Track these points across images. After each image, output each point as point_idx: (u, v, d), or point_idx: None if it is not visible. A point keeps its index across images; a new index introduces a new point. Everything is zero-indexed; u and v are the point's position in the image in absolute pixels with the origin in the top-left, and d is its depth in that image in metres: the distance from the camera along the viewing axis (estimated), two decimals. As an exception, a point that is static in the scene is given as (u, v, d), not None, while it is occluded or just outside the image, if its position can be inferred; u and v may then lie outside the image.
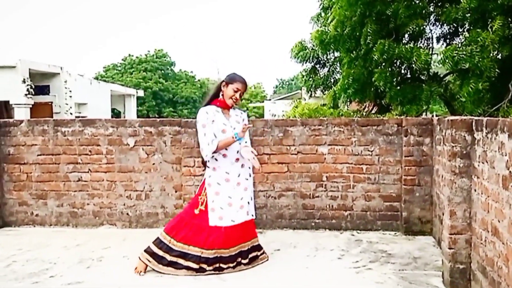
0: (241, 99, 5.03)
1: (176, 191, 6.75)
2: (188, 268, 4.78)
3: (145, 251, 4.94)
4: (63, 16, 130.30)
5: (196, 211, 4.88)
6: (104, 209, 6.87)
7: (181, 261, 4.80)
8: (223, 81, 4.93)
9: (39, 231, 6.77)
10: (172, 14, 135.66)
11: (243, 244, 4.95)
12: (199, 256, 4.77)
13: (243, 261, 4.97)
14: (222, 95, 4.90)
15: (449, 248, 4.31)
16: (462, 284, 4.27)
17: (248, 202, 4.94)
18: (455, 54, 7.65)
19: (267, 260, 5.22)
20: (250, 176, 5.03)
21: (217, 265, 4.81)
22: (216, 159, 4.87)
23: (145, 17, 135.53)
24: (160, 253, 4.85)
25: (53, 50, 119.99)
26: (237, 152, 4.89)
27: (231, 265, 4.88)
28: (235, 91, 4.85)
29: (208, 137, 4.76)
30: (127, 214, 6.83)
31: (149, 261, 4.87)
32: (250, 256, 5.03)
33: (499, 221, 3.47)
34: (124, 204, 6.84)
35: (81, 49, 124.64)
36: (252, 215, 5.01)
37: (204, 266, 4.78)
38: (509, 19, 8.32)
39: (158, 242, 4.92)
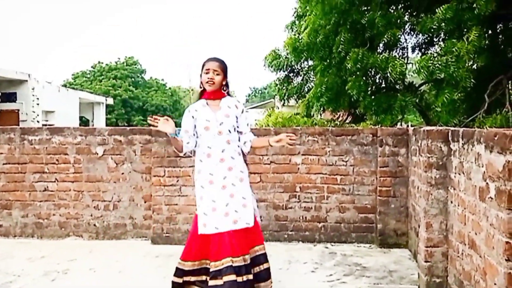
0: (223, 78, 4.49)
1: (145, 202, 6.59)
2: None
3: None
4: (31, 20, 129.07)
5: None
6: (71, 220, 6.68)
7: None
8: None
9: (3, 242, 6.58)
10: (143, 21, 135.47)
11: (233, 259, 4.31)
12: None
13: (239, 278, 4.31)
14: (203, 86, 4.53)
15: (425, 261, 4.26)
16: (438, 298, 4.20)
17: (236, 211, 4.40)
18: (430, 64, 7.66)
19: None
20: (241, 181, 4.50)
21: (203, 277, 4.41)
22: (200, 160, 4.49)
23: (115, 22, 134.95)
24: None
25: (19, 56, 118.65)
26: (222, 151, 4.45)
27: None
28: (206, 73, 4.45)
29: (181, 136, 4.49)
30: (94, 225, 6.64)
31: None
32: (254, 270, 4.44)
33: (476, 234, 3.42)
34: (91, 215, 6.65)
35: (46, 55, 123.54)
36: (247, 224, 4.41)
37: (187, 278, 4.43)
38: (485, 30, 8.37)
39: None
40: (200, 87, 4.56)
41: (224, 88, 4.55)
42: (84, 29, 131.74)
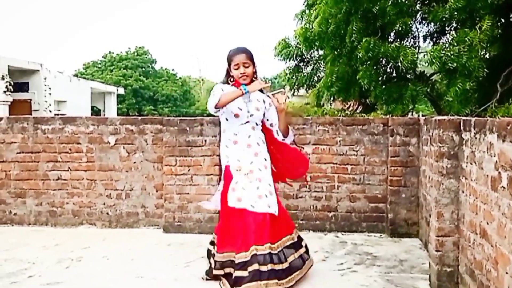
0: (250, 68, 4.44)
1: (157, 191, 6.62)
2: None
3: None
4: (43, 10, 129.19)
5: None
6: (84, 208, 6.72)
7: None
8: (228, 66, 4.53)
9: (17, 230, 6.65)
10: (154, 11, 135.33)
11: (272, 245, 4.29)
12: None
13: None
14: (234, 78, 4.49)
15: (436, 251, 4.25)
16: (449, 287, 4.20)
17: (266, 195, 4.35)
18: (443, 54, 7.61)
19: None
20: (266, 168, 4.50)
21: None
22: (226, 146, 4.49)
23: (126, 12, 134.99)
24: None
25: (31, 46, 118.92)
26: (248, 137, 4.47)
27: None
28: (237, 68, 4.40)
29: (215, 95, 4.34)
30: (107, 213, 6.69)
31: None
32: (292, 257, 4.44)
33: (487, 223, 3.41)
34: (104, 204, 6.70)
35: (58, 45, 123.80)
36: (275, 212, 4.32)
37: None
38: (498, 19, 8.30)
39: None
40: (231, 81, 4.51)
41: (255, 76, 4.54)
42: (96, 19, 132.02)
